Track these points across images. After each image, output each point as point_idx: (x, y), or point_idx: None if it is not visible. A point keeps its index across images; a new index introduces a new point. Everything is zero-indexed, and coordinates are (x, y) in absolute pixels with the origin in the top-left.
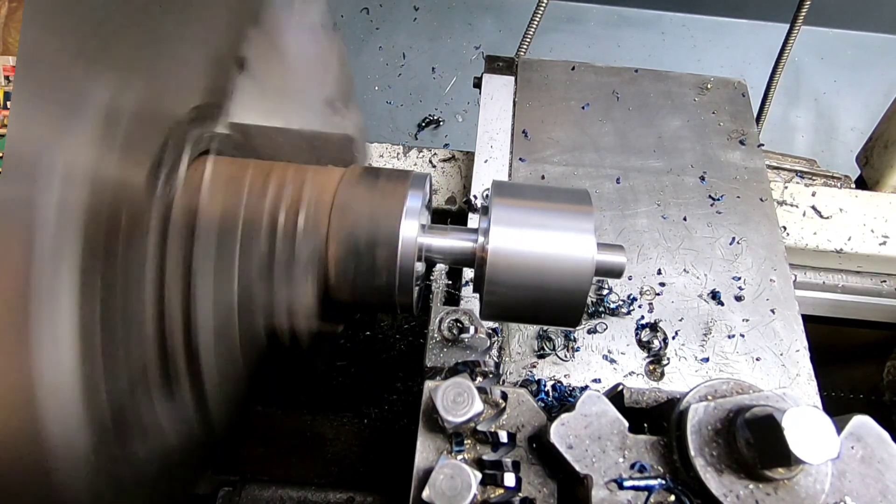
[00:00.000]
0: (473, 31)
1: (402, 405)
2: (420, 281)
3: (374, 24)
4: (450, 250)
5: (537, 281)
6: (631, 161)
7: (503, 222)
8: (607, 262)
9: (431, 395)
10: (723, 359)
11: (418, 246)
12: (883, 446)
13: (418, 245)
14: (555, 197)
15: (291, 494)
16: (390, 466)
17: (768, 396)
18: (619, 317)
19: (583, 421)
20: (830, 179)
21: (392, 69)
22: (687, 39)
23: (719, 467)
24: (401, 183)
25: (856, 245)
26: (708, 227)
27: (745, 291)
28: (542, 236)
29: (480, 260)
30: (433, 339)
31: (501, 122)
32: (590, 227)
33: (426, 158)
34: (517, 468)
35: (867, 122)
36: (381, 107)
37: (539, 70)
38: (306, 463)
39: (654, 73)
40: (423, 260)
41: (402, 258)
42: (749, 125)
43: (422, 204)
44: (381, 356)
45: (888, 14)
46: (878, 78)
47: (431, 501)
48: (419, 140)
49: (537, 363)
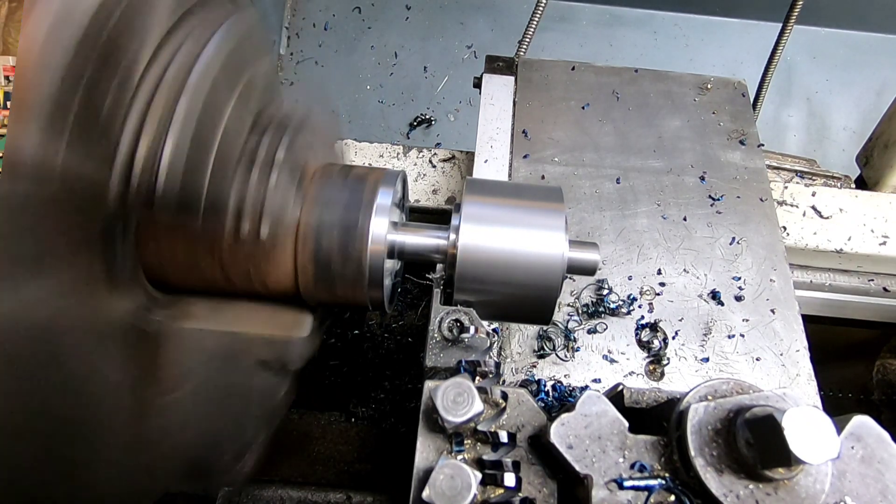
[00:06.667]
0: (465, 30)
1: (389, 404)
2: (393, 278)
3: (365, 24)
4: (422, 247)
5: (507, 278)
6: (631, 161)
7: (473, 219)
8: (579, 260)
9: (431, 395)
10: (723, 359)
11: (389, 243)
12: (883, 446)
13: (389, 242)
14: (527, 194)
15: (291, 494)
16: (378, 466)
17: (768, 396)
18: (619, 317)
19: (583, 421)
20: (830, 179)
21: (384, 68)
22: (679, 38)
23: (719, 467)
24: (372, 180)
25: (856, 245)
26: (708, 227)
27: (745, 291)
28: (512, 233)
29: (451, 257)
30: (433, 339)
31: (501, 122)
32: (560, 225)
33: (426, 158)
34: (517, 468)
35: (859, 122)
36: (372, 106)
37: (539, 70)
38: (292, 462)
39: (654, 73)
40: (395, 257)
41: (372, 254)
42: (749, 125)
43: (392, 201)
44: (369, 355)
45: (880, 13)
46: (870, 77)
47: (431, 501)
48: (411, 139)
49: (537, 363)
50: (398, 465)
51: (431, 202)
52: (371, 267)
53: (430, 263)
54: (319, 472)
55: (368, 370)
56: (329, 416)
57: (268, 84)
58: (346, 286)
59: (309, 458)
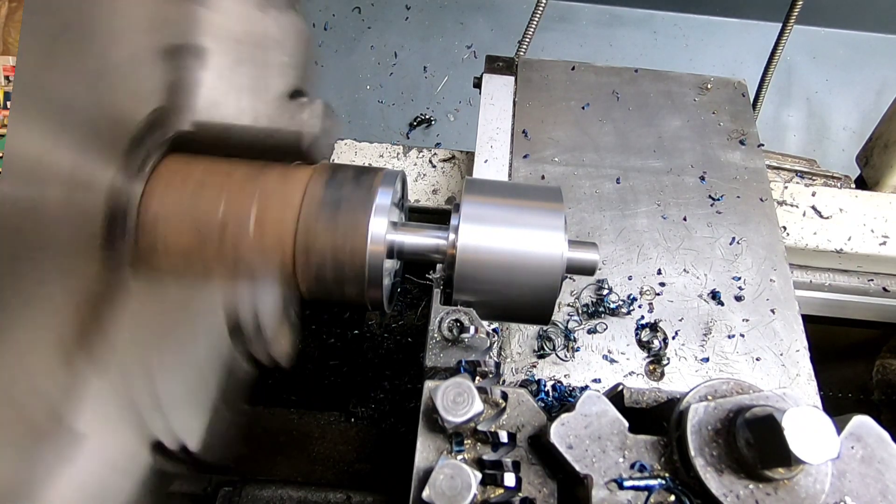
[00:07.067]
0: (465, 30)
1: (389, 404)
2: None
3: (365, 24)
4: (421, 247)
5: (506, 278)
6: (631, 161)
7: (472, 219)
8: (578, 260)
9: (431, 395)
10: (723, 359)
11: (388, 243)
12: (883, 446)
13: (388, 242)
14: (526, 194)
15: (291, 494)
16: (378, 466)
17: (768, 396)
18: (619, 317)
19: (583, 421)
20: (830, 179)
21: (384, 68)
22: (679, 38)
23: (719, 467)
24: (371, 180)
25: (856, 245)
26: (708, 227)
27: (745, 291)
28: (511, 233)
29: (450, 257)
30: (433, 339)
31: (501, 122)
32: (560, 225)
33: (426, 158)
34: (517, 468)
35: (859, 121)
36: (372, 106)
37: (539, 70)
38: (291, 462)
39: (654, 73)
40: (394, 257)
41: (371, 254)
42: (749, 125)
43: (391, 201)
44: (369, 355)
45: (880, 13)
46: (870, 77)
47: (431, 501)
48: (410, 139)
49: (537, 363)
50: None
51: (431, 202)
52: (370, 267)
53: (429, 263)
54: (319, 472)
55: (368, 370)
56: (329, 416)
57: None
58: (345, 286)
59: (309, 458)
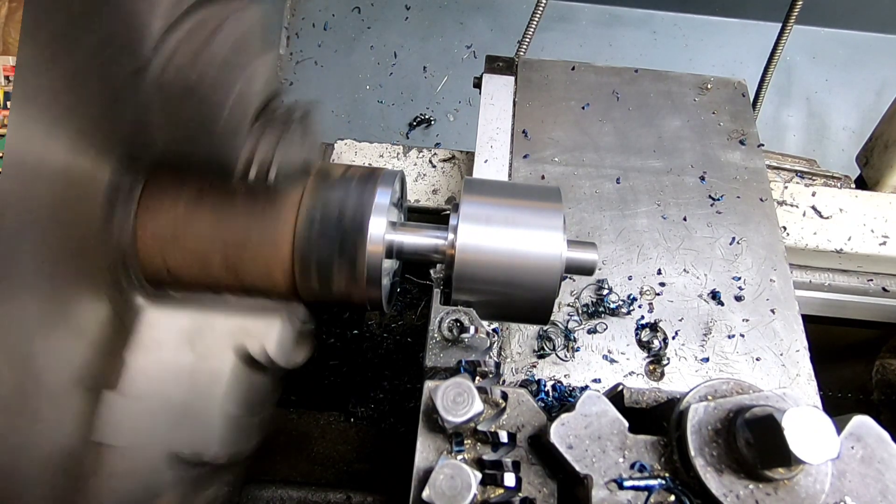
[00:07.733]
0: (465, 30)
1: (388, 404)
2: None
3: (365, 24)
4: (420, 247)
5: (505, 278)
6: (631, 161)
7: (471, 219)
8: (578, 260)
9: (431, 395)
10: (723, 359)
11: (387, 242)
12: (883, 446)
13: (387, 242)
14: (525, 194)
15: (291, 494)
16: (377, 466)
17: (768, 396)
18: (619, 317)
19: (583, 421)
20: (830, 179)
21: (383, 68)
22: (678, 38)
23: (719, 467)
24: (370, 180)
25: (856, 245)
26: (708, 227)
27: (745, 291)
28: (510, 233)
29: (449, 257)
30: (433, 339)
31: (501, 122)
32: (559, 224)
33: (426, 158)
34: (517, 468)
35: (859, 121)
36: (372, 106)
37: (539, 70)
38: (291, 462)
39: (654, 73)
40: (393, 257)
41: (370, 254)
42: (749, 125)
43: (390, 201)
44: (368, 355)
45: (880, 13)
46: (870, 77)
47: (431, 501)
48: (410, 139)
49: (537, 363)
50: (398, 465)
51: (431, 202)
52: (369, 266)
53: (428, 263)
54: (319, 472)
55: (367, 370)
56: (328, 416)
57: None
58: (345, 285)
59: (308, 458)
